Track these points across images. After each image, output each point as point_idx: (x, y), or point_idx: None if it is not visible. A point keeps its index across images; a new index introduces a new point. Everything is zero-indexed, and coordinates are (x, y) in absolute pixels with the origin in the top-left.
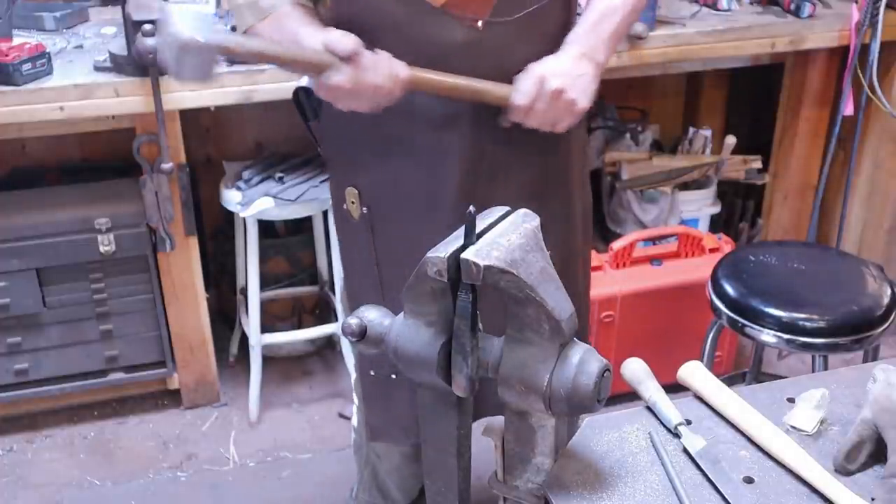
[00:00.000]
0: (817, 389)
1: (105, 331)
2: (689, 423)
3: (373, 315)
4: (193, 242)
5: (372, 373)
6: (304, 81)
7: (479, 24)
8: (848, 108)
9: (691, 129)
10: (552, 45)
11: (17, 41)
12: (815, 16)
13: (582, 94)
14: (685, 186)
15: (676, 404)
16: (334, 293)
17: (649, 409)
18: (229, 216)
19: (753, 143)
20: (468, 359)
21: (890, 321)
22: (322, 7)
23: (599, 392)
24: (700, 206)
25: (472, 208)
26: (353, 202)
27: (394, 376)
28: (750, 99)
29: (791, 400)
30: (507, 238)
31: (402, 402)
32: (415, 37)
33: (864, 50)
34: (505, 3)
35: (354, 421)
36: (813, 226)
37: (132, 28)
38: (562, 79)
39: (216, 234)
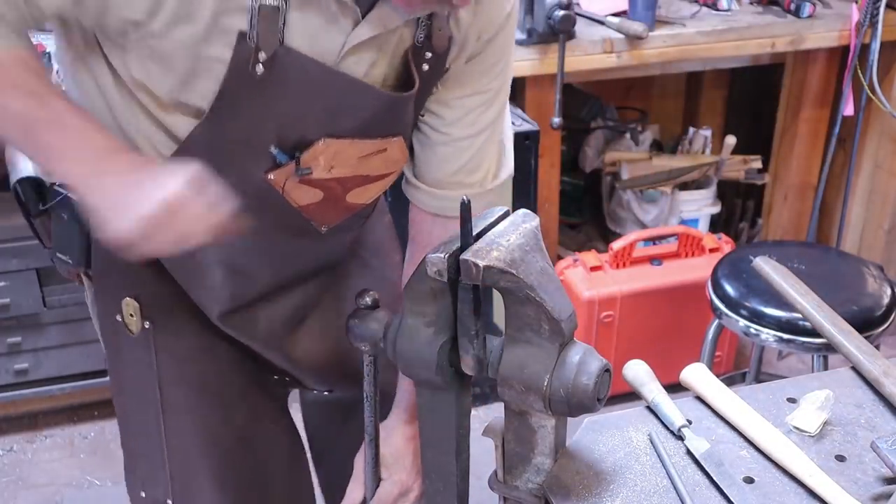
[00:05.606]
0: (822, 391)
1: None
2: (689, 423)
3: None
4: None
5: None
6: (29, 170)
7: (323, 229)
8: (848, 108)
9: (691, 129)
10: (373, 249)
11: None
12: (815, 16)
13: None
14: (685, 186)
15: (677, 405)
16: None
17: (650, 409)
18: None
19: (753, 143)
20: (473, 341)
21: (890, 321)
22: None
23: (599, 392)
24: (700, 206)
25: (465, 197)
26: (131, 315)
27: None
28: (750, 99)
29: (792, 400)
30: (506, 238)
31: None
32: (260, 218)
33: (864, 50)
34: (350, 220)
35: None
36: (813, 226)
37: None
38: None
39: None
